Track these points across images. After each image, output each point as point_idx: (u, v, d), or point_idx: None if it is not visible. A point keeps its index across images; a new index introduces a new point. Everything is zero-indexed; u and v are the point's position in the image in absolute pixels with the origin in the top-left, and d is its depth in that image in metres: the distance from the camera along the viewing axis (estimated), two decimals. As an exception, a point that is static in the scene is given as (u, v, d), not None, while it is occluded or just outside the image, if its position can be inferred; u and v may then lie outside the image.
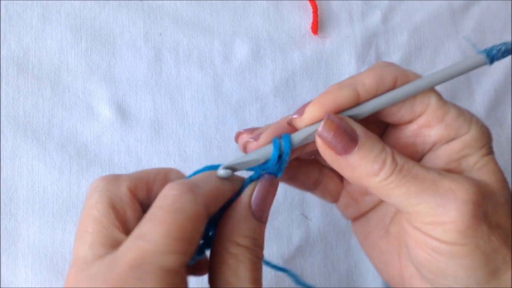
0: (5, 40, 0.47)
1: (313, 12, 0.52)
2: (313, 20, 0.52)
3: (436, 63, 0.54)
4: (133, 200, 0.27)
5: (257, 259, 0.26)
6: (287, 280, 0.46)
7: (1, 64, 0.46)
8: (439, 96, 0.29)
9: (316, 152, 0.30)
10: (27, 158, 0.45)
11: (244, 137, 0.31)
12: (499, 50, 0.30)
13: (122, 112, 0.47)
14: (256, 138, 0.30)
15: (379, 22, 0.54)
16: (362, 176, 0.27)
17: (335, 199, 0.36)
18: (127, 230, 0.26)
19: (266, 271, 0.46)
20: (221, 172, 0.28)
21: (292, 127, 0.30)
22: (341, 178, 0.36)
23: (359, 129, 0.28)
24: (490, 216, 0.26)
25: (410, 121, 0.30)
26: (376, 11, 0.54)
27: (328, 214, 0.48)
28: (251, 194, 0.28)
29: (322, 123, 0.28)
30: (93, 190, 0.27)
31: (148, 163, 0.47)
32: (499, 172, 0.29)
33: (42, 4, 0.48)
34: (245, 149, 0.31)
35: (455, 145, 0.29)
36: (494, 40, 0.57)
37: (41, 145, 0.45)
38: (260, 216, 0.28)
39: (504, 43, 0.30)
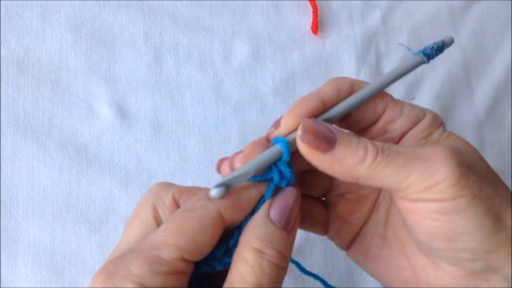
0: (5, 40, 0.47)
1: (313, 12, 0.52)
2: (313, 20, 0.52)
3: (436, 63, 0.54)
4: (174, 205, 0.30)
5: (267, 263, 0.26)
6: (287, 280, 0.46)
7: (1, 64, 0.46)
8: (392, 96, 0.33)
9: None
10: (27, 158, 0.45)
11: (225, 164, 0.32)
12: (432, 48, 0.34)
13: (122, 112, 0.47)
14: (235, 157, 0.31)
15: (379, 22, 0.54)
16: (351, 166, 0.29)
17: (325, 228, 0.37)
18: None
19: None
20: (214, 192, 0.28)
21: (269, 143, 0.31)
22: (324, 204, 0.37)
23: (333, 127, 0.30)
24: (473, 169, 0.28)
25: (375, 121, 0.33)
26: (376, 11, 0.54)
27: (328, 214, 0.48)
28: (270, 203, 0.29)
29: (300, 127, 0.29)
30: (148, 192, 0.31)
31: (148, 163, 0.47)
32: (463, 139, 0.31)
33: (42, 4, 0.48)
34: (230, 168, 0.32)
35: (418, 128, 0.32)
36: (494, 40, 0.57)
37: (41, 145, 0.45)
38: (282, 224, 0.28)
39: (435, 42, 0.34)
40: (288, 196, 0.29)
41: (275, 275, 0.26)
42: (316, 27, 0.52)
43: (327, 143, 0.29)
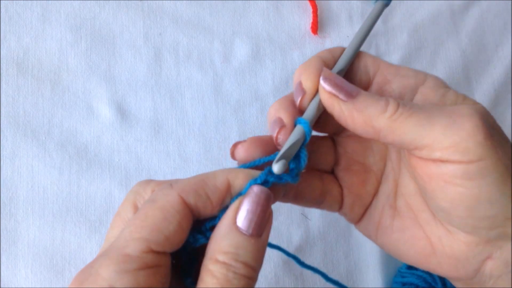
0: (5, 40, 0.47)
1: (313, 12, 0.52)
2: (313, 20, 0.52)
3: (436, 63, 0.54)
4: None
5: (234, 275, 0.25)
6: (287, 280, 0.46)
7: (1, 64, 0.46)
8: (386, 61, 0.33)
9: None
10: (27, 158, 0.45)
11: (239, 147, 0.31)
12: None
13: (122, 112, 0.47)
14: (281, 123, 0.31)
15: (379, 22, 0.54)
16: (372, 116, 0.28)
17: (340, 205, 0.36)
18: None
19: (267, 271, 0.46)
20: (276, 167, 0.28)
21: (302, 112, 0.31)
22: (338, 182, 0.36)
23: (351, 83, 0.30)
24: (494, 131, 0.27)
25: (369, 83, 0.33)
26: (376, 11, 0.54)
27: (328, 214, 0.48)
28: (238, 207, 0.27)
29: (321, 77, 0.30)
30: (128, 192, 0.30)
31: (148, 163, 0.47)
32: (480, 103, 0.30)
33: (42, 4, 0.48)
34: (276, 141, 0.31)
35: (428, 90, 0.31)
36: (494, 40, 0.57)
37: (41, 145, 0.45)
38: (250, 231, 0.26)
39: None
40: (257, 198, 0.27)
41: (243, 286, 0.26)
42: (316, 27, 0.52)
43: (348, 91, 0.29)
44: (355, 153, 0.35)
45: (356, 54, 0.33)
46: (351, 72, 0.33)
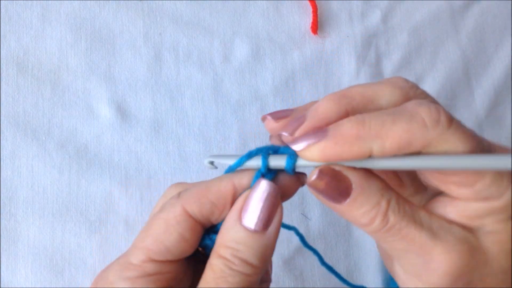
0: (5, 40, 0.47)
1: (313, 12, 0.52)
2: (313, 20, 0.52)
3: (436, 63, 0.54)
4: None
5: (230, 271, 0.25)
6: (287, 280, 0.46)
7: (1, 64, 0.46)
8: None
9: None
10: (27, 158, 0.45)
11: (272, 124, 0.29)
12: None
13: (122, 112, 0.47)
14: (292, 133, 0.27)
15: (379, 22, 0.54)
16: (352, 222, 0.27)
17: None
18: None
19: (266, 271, 0.46)
20: (206, 162, 0.28)
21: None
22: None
23: (355, 179, 0.26)
24: (476, 283, 0.26)
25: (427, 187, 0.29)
26: (376, 11, 0.54)
27: (328, 214, 0.48)
28: (243, 201, 0.27)
29: (314, 176, 0.26)
30: (162, 195, 0.31)
31: (148, 163, 0.47)
32: (508, 243, 0.26)
33: (42, 4, 0.48)
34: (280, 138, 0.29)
35: (477, 208, 0.26)
36: (494, 40, 0.57)
37: (41, 145, 0.45)
38: (254, 227, 0.26)
39: None
40: (262, 192, 0.26)
41: (239, 283, 0.26)
42: (316, 27, 0.52)
43: (334, 198, 0.26)
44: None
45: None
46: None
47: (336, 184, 0.25)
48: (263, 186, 0.26)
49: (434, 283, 0.26)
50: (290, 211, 0.47)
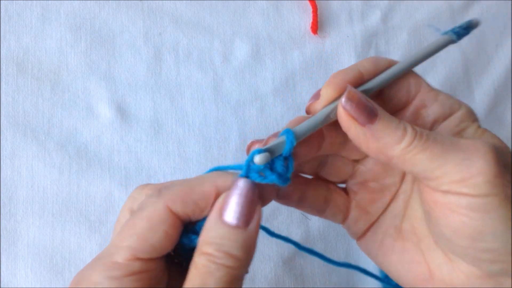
0: (4, 40, 0.47)
1: (313, 12, 0.52)
2: (313, 20, 0.52)
3: (436, 63, 0.54)
4: None
5: (215, 265, 0.26)
6: (287, 280, 0.46)
7: (1, 64, 0.46)
8: (427, 83, 0.33)
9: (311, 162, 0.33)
10: (26, 158, 0.45)
11: (256, 146, 0.31)
12: (460, 27, 0.35)
13: (122, 112, 0.47)
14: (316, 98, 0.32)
15: (379, 22, 0.54)
16: (387, 145, 0.28)
17: (344, 216, 0.36)
18: None
19: (267, 271, 0.46)
20: (257, 159, 0.28)
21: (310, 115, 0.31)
22: (346, 192, 0.36)
23: (375, 103, 0.29)
24: (508, 168, 0.28)
25: (407, 103, 0.32)
26: (376, 11, 0.54)
27: (328, 214, 0.48)
28: (224, 200, 0.28)
29: (344, 94, 0.29)
30: (127, 198, 0.31)
31: (148, 163, 0.46)
32: (498, 138, 0.31)
33: (41, 4, 0.48)
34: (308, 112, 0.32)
35: (453, 121, 0.31)
36: (494, 40, 0.57)
37: (41, 145, 0.45)
38: (235, 223, 0.27)
39: (467, 21, 0.35)
40: (241, 189, 0.28)
41: (224, 276, 0.26)
42: (316, 27, 0.52)
43: (369, 115, 0.28)
44: (375, 171, 0.34)
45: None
46: (391, 89, 0.32)
47: (365, 104, 0.29)
48: (242, 183, 0.28)
49: (483, 168, 0.26)
50: (290, 211, 0.47)
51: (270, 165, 0.29)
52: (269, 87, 0.50)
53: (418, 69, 0.38)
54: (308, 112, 0.32)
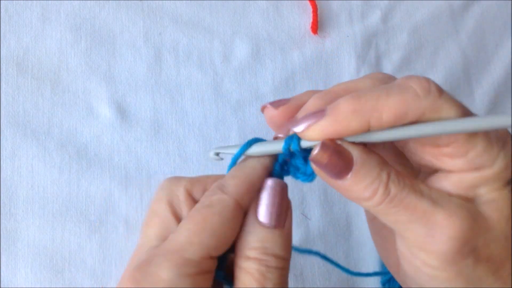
0: (4, 40, 0.47)
1: (313, 12, 0.52)
2: (313, 20, 0.52)
3: (436, 63, 0.54)
4: (189, 198, 0.30)
5: (267, 268, 0.26)
6: (288, 280, 0.46)
7: (1, 64, 0.46)
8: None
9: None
10: (26, 158, 0.45)
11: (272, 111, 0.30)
12: None
13: (122, 112, 0.47)
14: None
15: (379, 22, 0.54)
16: (354, 198, 0.27)
17: None
18: None
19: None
20: (211, 154, 0.29)
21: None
22: None
23: (356, 154, 0.26)
24: (480, 250, 0.26)
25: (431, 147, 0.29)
26: (376, 11, 0.54)
27: (328, 214, 0.48)
28: (257, 202, 0.28)
29: (316, 149, 0.26)
30: (159, 189, 0.30)
31: (148, 163, 0.47)
32: (507, 209, 0.27)
33: (41, 4, 0.48)
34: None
35: (472, 178, 0.27)
36: (494, 40, 0.57)
37: (41, 144, 0.45)
38: (273, 223, 0.27)
39: None
40: (273, 191, 0.28)
41: (278, 277, 0.26)
42: (316, 27, 0.52)
43: (337, 173, 0.27)
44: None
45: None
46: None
47: (338, 158, 0.26)
48: (273, 185, 0.28)
49: (440, 250, 0.26)
50: (290, 211, 0.47)
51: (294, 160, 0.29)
52: (269, 87, 0.50)
53: (417, 70, 0.38)
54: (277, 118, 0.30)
